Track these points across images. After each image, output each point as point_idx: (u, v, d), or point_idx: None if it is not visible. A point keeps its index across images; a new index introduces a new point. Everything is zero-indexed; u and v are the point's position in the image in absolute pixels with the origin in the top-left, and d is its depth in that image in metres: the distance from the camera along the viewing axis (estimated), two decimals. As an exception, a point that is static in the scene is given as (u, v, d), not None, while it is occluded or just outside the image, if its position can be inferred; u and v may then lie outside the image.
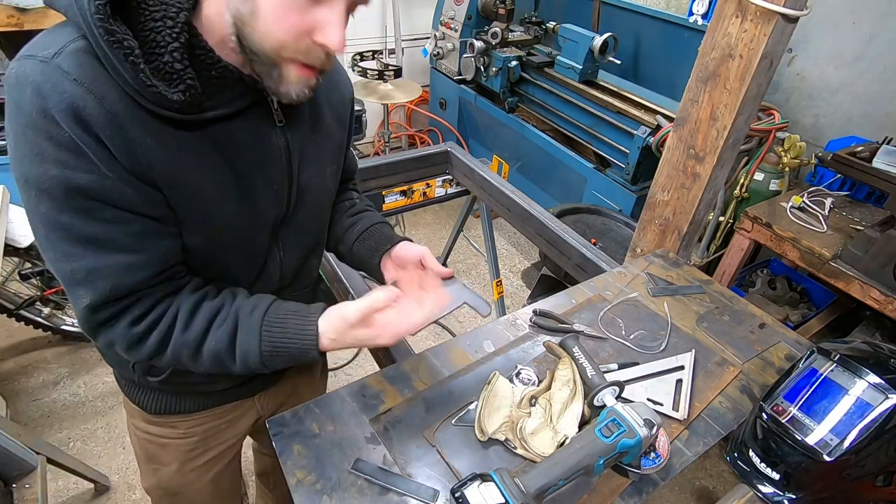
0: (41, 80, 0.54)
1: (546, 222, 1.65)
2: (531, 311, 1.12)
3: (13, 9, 2.35)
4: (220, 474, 1.03)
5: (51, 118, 0.54)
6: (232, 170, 0.68)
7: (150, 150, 0.60)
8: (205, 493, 1.03)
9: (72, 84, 0.54)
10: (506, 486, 0.66)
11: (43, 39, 0.58)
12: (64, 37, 0.56)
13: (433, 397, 0.93)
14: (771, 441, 0.84)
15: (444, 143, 2.08)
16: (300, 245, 0.85)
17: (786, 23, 1.00)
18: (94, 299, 0.62)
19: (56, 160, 0.56)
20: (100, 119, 0.56)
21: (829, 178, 2.10)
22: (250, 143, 0.69)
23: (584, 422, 0.87)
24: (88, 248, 0.60)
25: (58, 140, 0.55)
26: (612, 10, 2.92)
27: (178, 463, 0.96)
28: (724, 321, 1.16)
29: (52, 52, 0.55)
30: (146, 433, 0.94)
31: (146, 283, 0.65)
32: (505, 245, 3.22)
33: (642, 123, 2.20)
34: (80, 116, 0.55)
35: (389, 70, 2.75)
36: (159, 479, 0.99)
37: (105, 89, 0.56)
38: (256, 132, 0.69)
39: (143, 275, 0.64)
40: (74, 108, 0.54)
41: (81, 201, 0.58)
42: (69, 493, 1.76)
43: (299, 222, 0.82)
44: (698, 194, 1.24)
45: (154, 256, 0.65)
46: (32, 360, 2.19)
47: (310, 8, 0.58)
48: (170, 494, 1.01)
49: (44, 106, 0.54)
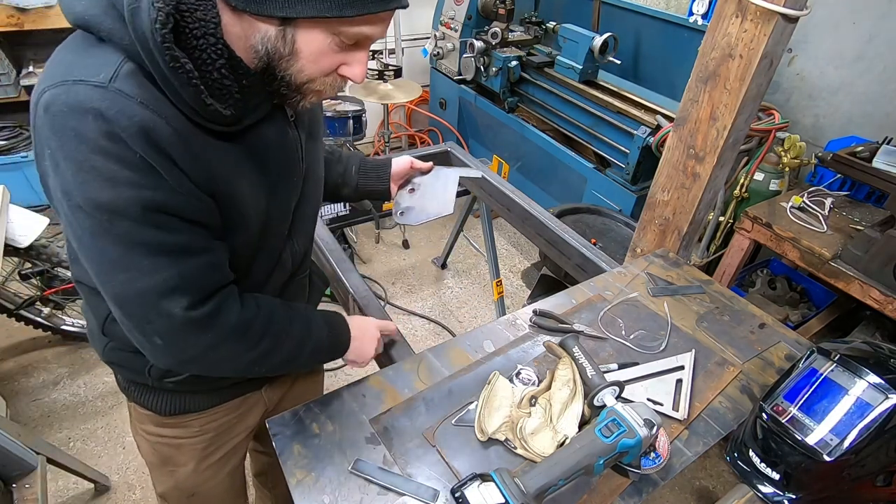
0: (104, 105, 0.55)
1: (546, 222, 1.65)
2: (531, 311, 1.12)
3: (13, 9, 2.35)
4: (234, 469, 1.05)
5: (119, 141, 0.56)
6: (264, 170, 0.72)
7: (207, 164, 0.63)
8: (222, 489, 1.04)
9: (139, 107, 0.56)
10: (506, 486, 0.66)
11: (81, 62, 0.58)
12: (109, 59, 0.57)
13: (433, 397, 0.93)
14: (771, 441, 0.84)
15: (444, 143, 2.08)
16: (306, 231, 0.91)
17: (786, 23, 1.00)
18: (192, 299, 0.65)
19: (129, 182, 0.57)
20: (169, 138, 0.58)
21: (829, 178, 2.10)
22: (276, 143, 0.74)
23: (584, 422, 0.87)
24: (173, 256, 0.63)
25: (129, 162, 0.57)
26: (612, 10, 2.92)
27: (194, 462, 0.97)
28: (724, 321, 1.16)
29: (105, 76, 0.56)
30: (159, 436, 0.93)
31: (227, 278, 0.70)
32: (505, 245, 3.22)
33: (642, 123, 2.20)
34: (150, 137, 0.57)
35: (389, 70, 2.75)
36: (177, 481, 0.99)
37: (166, 110, 0.58)
38: (279, 131, 0.74)
39: (224, 271, 0.69)
40: (145, 129, 0.56)
41: (157, 216, 0.60)
42: (69, 493, 1.76)
43: (304, 209, 0.87)
44: (698, 194, 1.24)
45: (223, 255, 0.69)
46: (32, 360, 2.19)
47: (339, 51, 0.63)
48: (187, 495, 1.02)
49: (110, 130, 0.55)
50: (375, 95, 2.72)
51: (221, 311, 0.68)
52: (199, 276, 0.65)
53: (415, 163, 1.11)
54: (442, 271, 2.95)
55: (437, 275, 2.93)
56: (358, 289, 1.31)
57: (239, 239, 0.72)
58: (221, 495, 1.06)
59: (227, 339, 0.70)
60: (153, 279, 0.62)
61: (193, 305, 0.65)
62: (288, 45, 0.61)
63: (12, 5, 2.35)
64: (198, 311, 0.66)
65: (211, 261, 0.67)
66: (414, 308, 2.66)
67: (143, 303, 0.63)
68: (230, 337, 0.70)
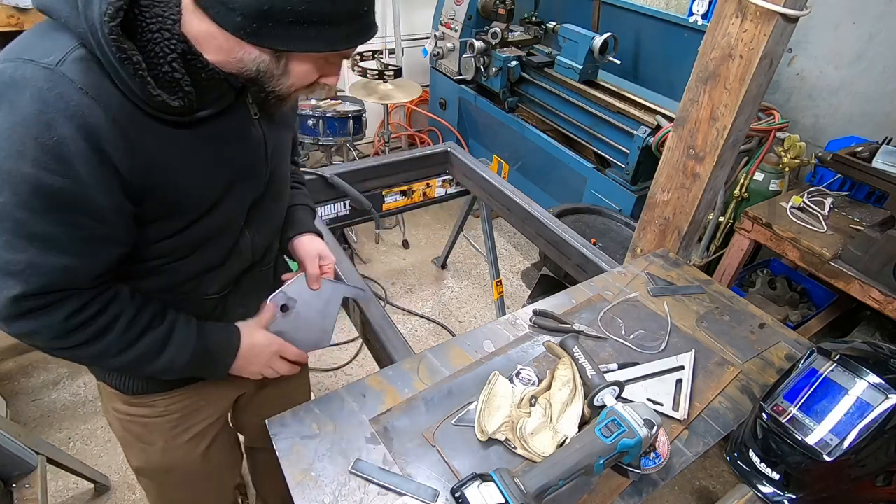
0: (45, 86, 0.57)
1: (546, 222, 1.65)
2: (531, 311, 1.12)
3: (13, 9, 2.35)
4: (209, 449, 1.05)
5: (47, 123, 0.57)
6: (220, 161, 0.75)
7: (148, 151, 0.65)
8: (197, 467, 1.05)
9: (78, 93, 0.58)
10: (506, 486, 0.66)
11: (38, 43, 0.60)
12: (62, 43, 0.59)
13: (433, 397, 0.93)
14: (771, 441, 0.84)
15: (444, 143, 2.08)
16: (268, 226, 0.93)
17: (786, 23, 1.00)
18: (24, 290, 0.65)
19: (35, 160, 0.58)
20: (104, 126, 0.60)
21: (829, 178, 2.10)
22: (235, 136, 0.77)
23: (584, 422, 0.87)
24: (33, 244, 0.63)
25: (44, 143, 0.58)
26: (612, 10, 2.92)
27: (163, 441, 0.98)
28: (724, 321, 1.16)
29: (54, 59, 0.58)
30: (127, 415, 0.95)
31: (79, 284, 0.69)
32: (505, 245, 3.22)
33: (642, 123, 2.20)
34: (84, 125, 0.59)
35: (389, 70, 2.75)
36: (148, 458, 1.00)
37: (109, 97, 0.60)
38: (239, 126, 0.77)
39: (79, 277, 0.68)
40: (81, 116, 0.58)
41: (43, 202, 0.61)
42: (69, 493, 1.76)
43: (268, 206, 0.89)
44: (698, 194, 1.24)
45: (93, 263, 0.68)
46: (32, 360, 2.19)
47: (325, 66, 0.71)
48: (162, 472, 1.03)
49: (42, 111, 0.57)
50: (375, 95, 2.71)
51: (47, 309, 0.68)
52: (48, 272, 0.65)
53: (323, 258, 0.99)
54: (442, 271, 2.95)
55: (437, 275, 2.93)
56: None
57: (181, 222, 0.74)
58: (197, 475, 1.07)
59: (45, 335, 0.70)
60: (4, 255, 0.63)
61: (23, 297, 0.65)
62: (281, 68, 0.67)
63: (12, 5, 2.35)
64: (25, 302, 0.66)
65: (69, 264, 0.66)
66: (414, 308, 2.66)
67: None
68: (47, 333, 0.70)
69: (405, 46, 3.60)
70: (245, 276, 0.91)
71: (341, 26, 0.64)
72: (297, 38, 0.63)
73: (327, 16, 0.62)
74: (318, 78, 0.72)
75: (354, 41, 0.67)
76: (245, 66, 0.66)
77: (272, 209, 0.91)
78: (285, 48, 0.64)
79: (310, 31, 0.62)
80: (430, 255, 3.04)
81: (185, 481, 1.07)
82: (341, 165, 1.88)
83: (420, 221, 3.35)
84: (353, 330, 2.42)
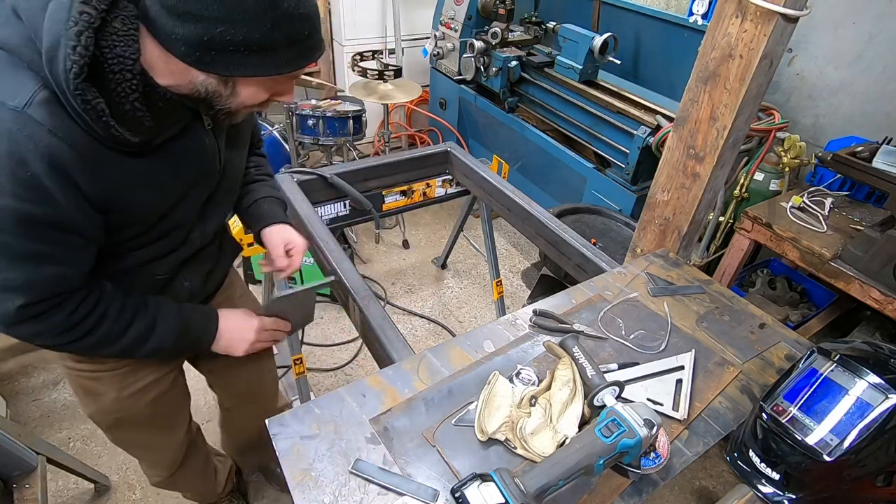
0: (14, 127, 0.63)
1: (546, 222, 1.65)
2: (531, 311, 1.12)
3: (13, 9, 2.34)
4: (159, 399, 1.12)
5: (19, 161, 0.64)
6: (177, 175, 0.83)
7: (111, 178, 0.73)
8: (145, 415, 1.11)
9: (47, 135, 0.64)
10: (506, 486, 0.66)
11: (4, 82, 0.64)
12: (26, 85, 0.64)
13: (433, 397, 0.93)
14: (771, 441, 0.84)
15: (444, 143, 2.08)
16: (219, 215, 1.02)
17: (786, 23, 1.00)
18: (27, 300, 0.74)
19: (13, 194, 0.65)
20: (72, 162, 0.67)
21: (829, 178, 2.10)
22: (190, 151, 0.84)
23: (584, 422, 0.87)
24: (27, 262, 0.72)
25: (20, 178, 0.64)
26: (612, 10, 2.92)
27: (115, 392, 1.05)
28: (724, 321, 1.16)
29: (20, 101, 0.63)
30: (78, 370, 1.01)
31: (71, 286, 0.79)
32: (505, 245, 3.22)
33: (642, 123, 2.20)
34: (55, 162, 0.65)
35: (389, 70, 2.75)
36: (100, 406, 1.07)
37: (74, 135, 0.66)
38: (194, 140, 0.84)
39: (72, 281, 0.79)
40: (50, 155, 0.65)
41: (28, 227, 0.69)
42: (69, 493, 1.76)
43: (219, 198, 0.98)
44: (698, 194, 1.24)
45: (80, 266, 0.78)
46: (32, 360, 2.19)
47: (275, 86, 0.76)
48: (114, 419, 1.10)
49: (13, 150, 0.63)
50: (375, 95, 2.71)
51: (51, 311, 0.78)
52: (44, 282, 0.75)
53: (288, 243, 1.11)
54: (442, 271, 2.95)
55: (437, 275, 2.93)
56: (358, 289, 1.31)
57: (139, 228, 0.83)
58: (146, 420, 1.14)
59: (50, 333, 0.80)
60: (1, 275, 0.71)
61: (27, 305, 0.75)
62: (229, 89, 0.72)
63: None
64: (29, 309, 0.75)
65: (63, 272, 0.76)
66: (414, 308, 2.66)
67: None
68: (53, 331, 0.80)
69: (405, 46, 3.60)
70: (192, 257, 0.99)
71: (282, 52, 0.68)
72: (239, 64, 0.67)
73: (266, 44, 0.66)
74: (270, 96, 0.77)
75: (296, 65, 0.71)
76: (195, 88, 0.71)
77: (223, 200, 1.00)
78: (228, 73, 0.69)
79: (251, 57, 0.67)
80: (430, 255, 3.04)
81: (136, 426, 1.14)
82: (341, 165, 1.88)
83: (420, 221, 3.35)
84: (353, 330, 2.42)
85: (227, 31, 0.63)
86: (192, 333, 0.97)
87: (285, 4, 0.65)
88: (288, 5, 0.65)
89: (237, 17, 0.63)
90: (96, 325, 0.83)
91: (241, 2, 0.62)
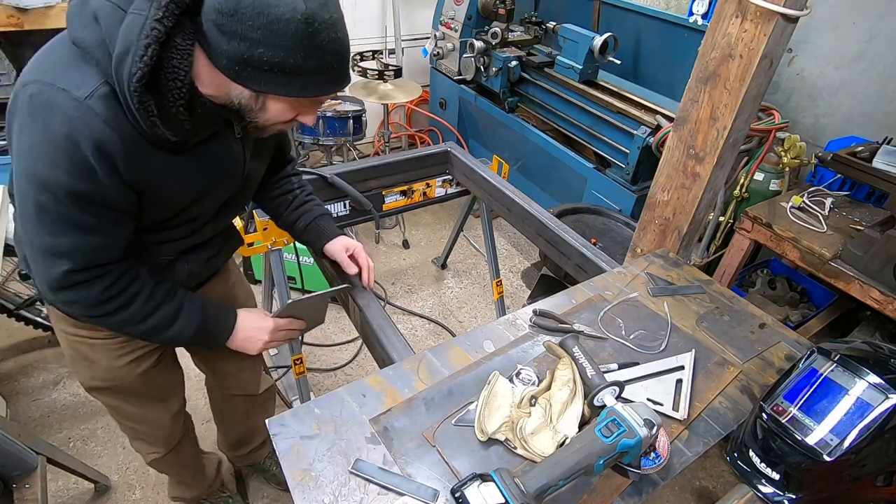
0: (75, 115, 0.73)
1: (546, 222, 1.65)
2: (531, 311, 1.12)
3: (13, 9, 2.35)
4: (149, 372, 1.17)
5: (75, 143, 0.73)
6: (204, 174, 0.92)
7: (148, 169, 0.82)
8: (136, 386, 1.17)
9: (101, 124, 0.74)
10: (506, 486, 0.66)
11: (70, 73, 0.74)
12: (91, 78, 0.74)
13: (433, 397, 0.93)
14: (771, 441, 0.84)
15: (444, 143, 2.08)
16: (232, 214, 1.12)
17: (786, 23, 1.00)
18: (72, 266, 0.84)
19: (66, 170, 0.75)
20: (118, 149, 0.76)
21: (829, 178, 2.10)
22: (219, 155, 0.93)
23: (584, 422, 0.87)
24: (75, 229, 0.81)
25: (74, 158, 0.74)
26: (612, 10, 2.92)
27: (107, 360, 1.10)
28: (724, 321, 1.16)
29: (84, 92, 0.73)
30: (76, 335, 1.07)
31: (111, 258, 0.88)
32: (505, 245, 3.22)
33: (642, 123, 2.20)
34: (103, 148, 0.75)
35: (389, 70, 2.75)
36: (94, 373, 1.13)
37: (124, 128, 0.76)
38: (223, 145, 0.93)
39: (112, 253, 0.88)
40: (101, 141, 0.74)
41: (77, 200, 0.78)
42: (69, 493, 1.76)
43: (237, 201, 1.08)
44: (698, 194, 1.24)
45: (118, 240, 0.88)
46: (32, 360, 2.19)
47: (300, 107, 0.85)
48: (105, 386, 1.16)
49: (71, 134, 0.73)
50: (375, 95, 2.71)
51: (89, 282, 0.87)
52: (87, 250, 0.84)
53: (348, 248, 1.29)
54: (442, 271, 2.94)
55: (437, 275, 2.93)
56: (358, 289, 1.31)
57: (160, 215, 0.92)
58: (136, 391, 1.19)
59: (86, 303, 0.89)
60: (51, 240, 0.82)
61: (72, 272, 0.84)
62: (259, 104, 0.81)
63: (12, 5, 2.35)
64: (73, 276, 0.85)
65: (104, 243, 0.85)
66: (414, 308, 2.66)
67: (38, 254, 0.84)
68: (88, 302, 0.89)
69: (405, 46, 3.60)
70: (198, 245, 1.07)
71: (311, 77, 0.77)
72: (271, 83, 0.76)
73: (298, 68, 0.74)
74: (295, 116, 0.86)
75: (322, 91, 0.80)
76: (230, 100, 0.80)
77: (240, 202, 1.11)
78: (260, 90, 0.77)
79: (282, 78, 0.75)
80: (430, 255, 3.04)
81: (127, 396, 1.20)
82: (341, 165, 1.88)
83: (420, 221, 3.35)
84: (353, 330, 2.42)
85: (265, 53, 0.72)
86: (211, 328, 1.04)
87: (321, 37, 0.73)
88: (323, 38, 0.73)
89: (278, 42, 0.71)
90: (127, 304, 0.92)
91: (283, 31, 0.70)
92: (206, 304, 1.03)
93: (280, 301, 1.80)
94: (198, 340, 1.04)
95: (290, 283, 2.18)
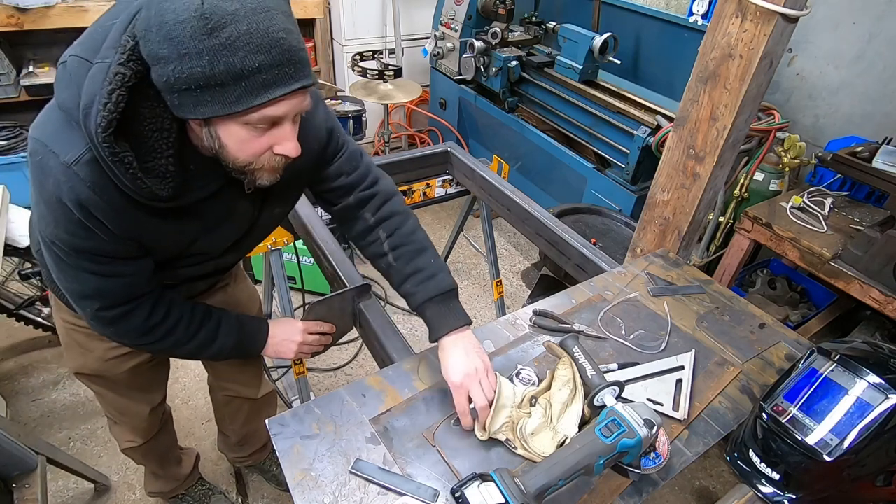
0: (62, 178, 0.72)
1: (546, 222, 1.65)
2: (531, 311, 1.12)
3: (13, 9, 2.35)
4: (138, 368, 1.19)
5: (64, 205, 0.73)
6: (204, 229, 0.89)
7: (139, 226, 0.80)
8: (123, 378, 1.20)
9: (87, 190, 0.72)
10: (506, 486, 0.66)
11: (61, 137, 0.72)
12: (77, 144, 0.71)
13: (433, 397, 0.93)
14: (771, 441, 0.84)
15: (444, 143, 2.08)
16: (240, 254, 1.10)
17: (786, 23, 1.00)
18: (102, 304, 0.87)
19: (66, 230, 0.76)
20: (104, 211, 0.75)
21: (829, 178, 2.10)
22: (221, 213, 0.88)
23: (584, 422, 0.87)
24: (92, 275, 0.84)
25: (70, 219, 0.75)
26: (612, 10, 2.92)
27: (101, 350, 1.13)
28: (724, 321, 1.16)
29: (70, 158, 0.71)
30: (73, 324, 1.10)
31: (142, 290, 0.90)
32: (505, 245, 3.22)
33: (642, 123, 2.20)
34: (88, 209, 0.74)
35: (389, 70, 2.75)
36: (85, 361, 1.16)
37: (109, 191, 0.73)
38: (226, 206, 0.88)
39: (139, 287, 0.90)
40: (85, 204, 0.73)
41: (83, 253, 0.80)
42: (69, 493, 1.76)
43: (241, 245, 1.03)
44: (698, 194, 1.24)
45: (142, 273, 0.88)
46: (32, 360, 2.19)
47: (263, 134, 0.71)
48: (95, 375, 1.19)
49: (60, 196, 0.72)
50: (375, 95, 2.71)
51: (127, 315, 0.90)
52: (110, 290, 0.86)
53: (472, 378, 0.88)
54: (442, 271, 2.94)
55: (437, 275, 2.92)
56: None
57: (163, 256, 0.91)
58: (123, 384, 1.22)
59: (130, 335, 0.93)
60: (77, 286, 0.86)
61: (103, 308, 0.88)
62: (214, 139, 0.71)
63: (12, 5, 2.35)
64: (106, 313, 0.88)
65: (125, 281, 0.87)
66: (414, 308, 2.66)
67: (70, 296, 0.89)
68: (132, 333, 0.92)
69: (405, 46, 3.59)
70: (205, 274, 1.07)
71: (232, 87, 0.63)
72: (198, 104, 0.64)
73: (211, 78, 0.62)
74: (270, 149, 0.73)
75: (248, 101, 0.65)
76: (205, 147, 0.74)
77: (244, 246, 1.06)
78: (194, 116, 0.66)
79: (204, 94, 0.64)
80: (430, 255, 3.04)
81: (113, 387, 1.23)
82: (341, 165, 1.88)
83: (420, 221, 3.34)
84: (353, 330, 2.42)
85: (176, 69, 0.61)
86: (247, 343, 1.09)
87: (225, 34, 0.60)
88: (229, 35, 0.60)
89: (181, 51, 0.60)
90: (173, 328, 0.95)
91: (181, 36, 0.59)
92: (243, 322, 1.07)
93: (280, 301, 1.81)
94: (236, 353, 1.07)
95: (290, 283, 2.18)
